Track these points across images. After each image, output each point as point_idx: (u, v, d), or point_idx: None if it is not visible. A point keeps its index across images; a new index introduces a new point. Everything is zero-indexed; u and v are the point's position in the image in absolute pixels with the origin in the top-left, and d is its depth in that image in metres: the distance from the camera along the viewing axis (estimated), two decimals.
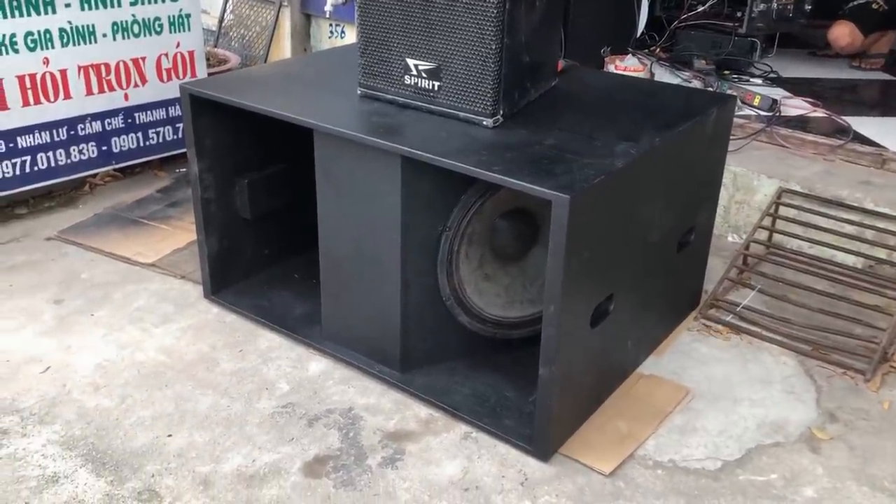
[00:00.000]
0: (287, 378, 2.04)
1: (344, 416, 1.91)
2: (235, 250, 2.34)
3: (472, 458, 1.79)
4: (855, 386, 2.08)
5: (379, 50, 1.94)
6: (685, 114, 1.99)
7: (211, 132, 2.16)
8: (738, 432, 1.90)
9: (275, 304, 2.30)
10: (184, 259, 2.54)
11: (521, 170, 1.63)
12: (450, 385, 1.98)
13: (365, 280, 1.96)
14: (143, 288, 2.41)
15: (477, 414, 1.89)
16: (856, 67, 4.01)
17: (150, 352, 2.12)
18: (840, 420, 1.95)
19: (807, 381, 2.09)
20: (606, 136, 1.82)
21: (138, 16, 2.85)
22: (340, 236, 1.97)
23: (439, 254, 1.91)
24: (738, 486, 1.74)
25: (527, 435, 1.82)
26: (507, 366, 2.05)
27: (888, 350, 2.17)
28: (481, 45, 1.78)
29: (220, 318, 2.28)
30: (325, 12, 3.50)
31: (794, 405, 2.00)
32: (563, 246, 1.55)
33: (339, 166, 1.90)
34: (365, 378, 2.04)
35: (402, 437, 1.86)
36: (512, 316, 2.07)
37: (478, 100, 1.83)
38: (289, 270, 2.46)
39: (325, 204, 1.97)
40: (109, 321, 2.25)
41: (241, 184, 2.26)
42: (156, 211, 2.85)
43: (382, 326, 1.98)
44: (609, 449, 1.82)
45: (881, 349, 2.15)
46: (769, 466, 1.80)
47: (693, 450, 1.84)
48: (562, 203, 1.52)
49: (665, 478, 1.76)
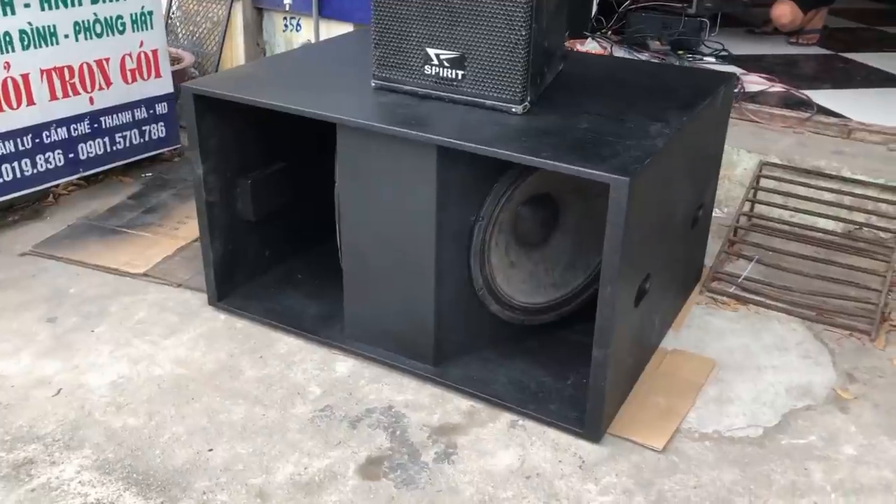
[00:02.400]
0: (317, 381, 1.99)
1: (385, 415, 1.88)
2: (239, 254, 2.26)
3: (526, 446, 1.79)
4: (863, 346, 2.17)
5: (395, 40, 1.90)
6: (698, 92, 2.03)
7: (215, 133, 2.07)
8: (770, 399, 1.96)
9: (286, 306, 2.23)
10: (177, 266, 2.44)
11: (570, 154, 1.63)
12: (486, 375, 1.97)
13: (395, 275, 1.93)
14: (140, 299, 2.30)
15: (520, 401, 1.89)
16: (793, 43, 4.18)
17: (166, 365, 2.03)
18: (858, 380, 2.04)
19: (819, 344, 2.18)
20: (635, 118, 1.84)
21: (100, 14, 2.70)
22: (367, 232, 1.93)
23: (472, 244, 1.89)
24: (783, 451, 1.80)
25: (575, 418, 1.83)
26: (536, 351, 2.06)
27: (885, 310, 2.28)
28: (510, 31, 1.76)
29: (231, 325, 2.19)
30: (283, 5, 3.40)
31: (813, 369, 2.08)
32: (621, 228, 1.56)
33: (367, 161, 1.85)
34: (397, 374, 2.01)
35: (450, 430, 1.84)
36: (538, 301, 2.07)
37: (506, 87, 1.82)
38: (292, 271, 2.39)
39: (349, 200, 1.92)
40: (113, 336, 2.14)
41: (244, 184, 2.18)
42: (133, 219, 2.72)
43: (414, 320, 1.95)
44: (654, 425, 1.85)
45: (879, 310, 2.26)
46: (806, 429, 1.87)
47: (733, 419, 1.89)
48: (621, 185, 1.53)
49: (714, 448, 1.80)
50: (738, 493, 1.68)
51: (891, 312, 2.29)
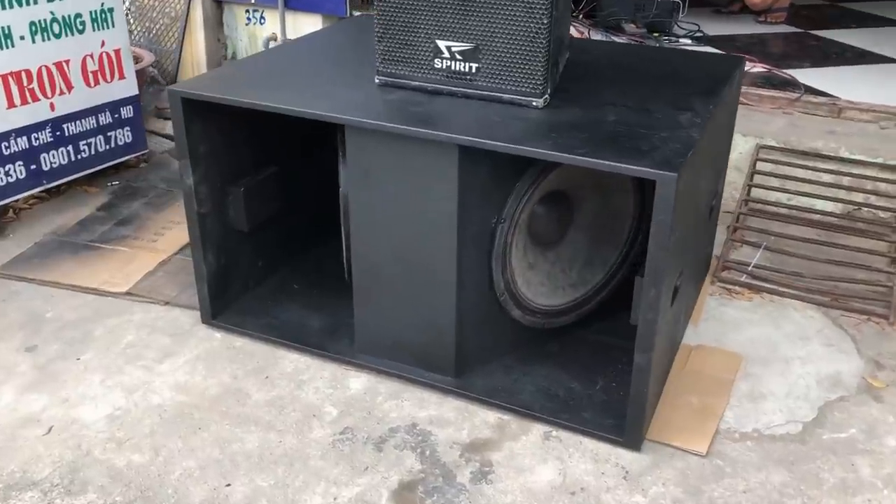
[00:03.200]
0: (331, 401, 1.86)
1: (411, 434, 1.76)
2: (232, 267, 2.11)
3: (564, 459, 1.70)
4: (882, 330, 2.14)
5: (402, 33, 1.77)
6: (714, 78, 1.95)
7: (204, 139, 1.92)
8: (803, 392, 1.90)
9: (285, 320, 2.09)
10: (161, 283, 2.27)
11: (606, 149, 1.53)
12: (511, 384, 1.87)
13: (412, 283, 1.81)
14: (126, 321, 2.13)
15: (551, 410, 1.79)
16: (762, 22, 4.17)
17: (165, 392, 1.87)
18: (885, 366, 2.00)
19: (839, 331, 2.13)
20: (661, 107, 1.75)
21: (57, 13, 2.50)
22: (380, 239, 1.80)
23: (494, 247, 1.79)
24: (826, 446, 1.74)
25: (611, 425, 1.74)
26: (557, 355, 1.96)
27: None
28: (531, 19, 1.65)
29: (229, 344, 2.05)
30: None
31: (839, 357, 2.03)
32: (668, 226, 1.47)
33: (380, 164, 1.72)
34: (416, 388, 1.89)
35: (481, 447, 1.73)
36: (558, 303, 1.98)
37: (526, 79, 1.71)
38: (286, 281, 2.25)
39: (359, 206, 1.79)
40: (102, 364, 1.97)
41: (237, 192, 2.03)
42: (105, 232, 2.53)
43: (433, 330, 1.84)
44: (692, 427, 1.77)
45: (894, 292, 2.22)
46: (845, 422, 1.81)
47: (771, 416, 1.83)
48: (669, 181, 1.44)
49: (757, 449, 1.73)
50: (789, 495, 1.62)
51: None
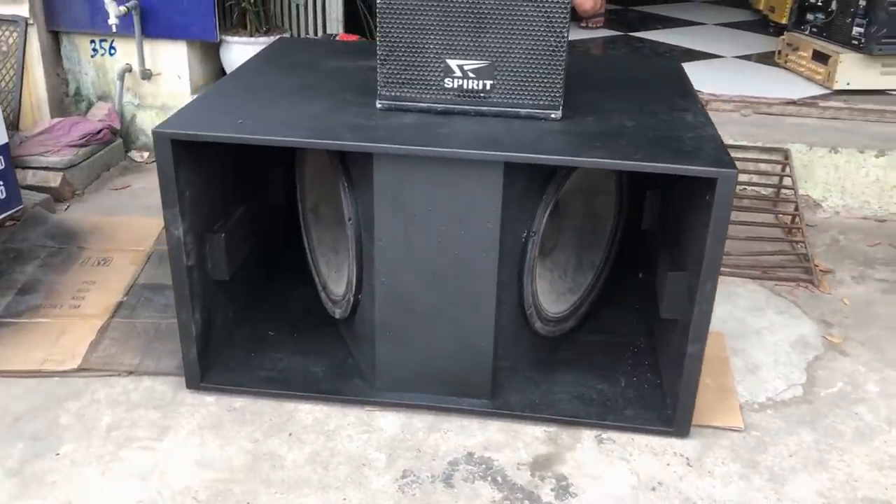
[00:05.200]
0: (372, 446, 1.75)
1: (472, 464, 1.71)
2: (212, 322, 1.91)
3: (628, 459, 1.74)
4: (813, 293, 2.41)
5: (407, 54, 1.71)
6: (675, 78, 2.09)
7: (189, 184, 1.72)
8: (786, 358, 2.10)
9: (282, 370, 1.93)
10: (114, 352, 2.00)
11: (658, 154, 1.59)
12: (544, 396, 1.87)
13: (446, 310, 1.75)
14: (92, 401, 1.85)
15: (596, 414, 1.82)
16: (584, 28, 4.48)
17: (186, 472, 1.66)
18: (833, 323, 2.26)
19: (781, 300, 2.37)
20: (662, 110, 1.84)
21: None
22: (411, 269, 1.72)
23: (527, 261, 1.78)
24: (829, 402, 1.93)
25: (656, 418, 1.81)
26: (572, 361, 1.99)
27: (812, 257, 2.55)
28: (550, 34, 1.67)
29: (228, 407, 1.85)
30: (109, 27, 2.89)
31: (794, 322, 2.26)
32: (726, 221, 1.56)
33: (415, 190, 1.65)
34: (453, 417, 1.84)
35: (546, 462, 1.72)
36: (562, 310, 2.01)
37: (544, 93, 1.72)
38: (261, 328, 2.07)
39: (389, 239, 1.70)
40: (90, 454, 1.70)
41: (217, 240, 1.84)
42: (10, 305, 2.17)
43: (470, 355, 1.79)
44: (719, 406, 1.88)
45: (811, 258, 2.51)
46: (830, 377, 2.03)
47: (773, 384, 1.99)
48: (730, 178, 1.53)
49: (777, 416, 1.88)
50: (825, 450, 1.78)
51: (814, 258, 2.55)
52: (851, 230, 2.81)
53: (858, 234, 2.79)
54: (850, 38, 3.22)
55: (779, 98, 3.18)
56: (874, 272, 2.54)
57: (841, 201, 2.90)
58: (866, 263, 2.59)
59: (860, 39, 3.18)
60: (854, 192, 2.88)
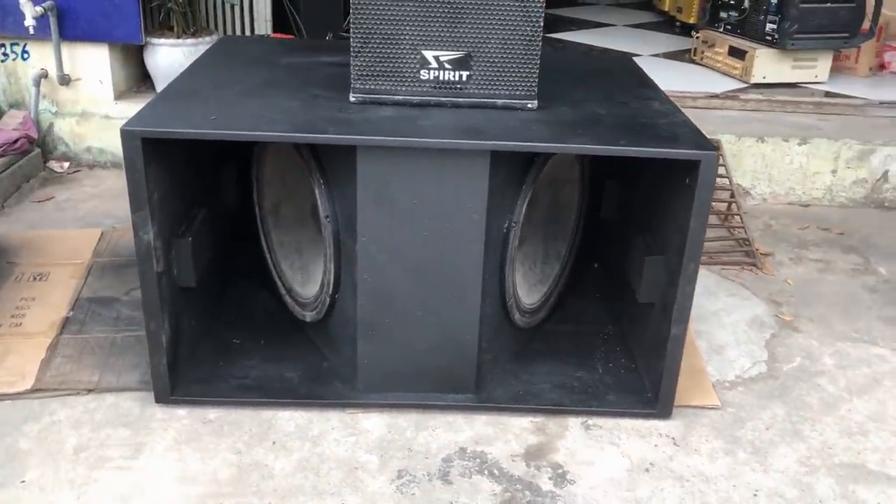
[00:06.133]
0: (361, 448, 1.70)
1: (466, 459, 1.69)
2: (179, 331, 1.82)
3: (616, 443, 1.75)
4: (757, 275, 2.51)
5: (382, 46, 1.68)
6: (632, 71, 2.14)
7: (158, 185, 1.63)
8: (745, 337, 2.17)
9: (256, 378, 1.86)
10: (69, 370, 1.87)
11: (641, 139, 1.62)
12: (528, 387, 1.87)
13: (431, 305, 1.72)
14: (53, 423, 1.73)
15: (580, 401, 1.83)
16: None
17: (170, 490, 1.57)
18: (781, 302, 2.36)
19: (730, 283, 2.45)
20: (630, 100, 1.88)
21: None
22: (395, 264, 1.69)
23: (508, 252, 1.78)
24: (793, 376, 2.01)
25: (637, 401, 1.84)
26: (546, 352, 1.99)
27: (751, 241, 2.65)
28: (527, 23, 1.67)
29: (203, 419, 1.76)
30: (26, 29, 2.71)
31: (746, 303, 2.34)
32: (708, 203, 1.60)
33: (399, 183, 1.62)
34: (437, 414, 1.81)
35: (538, 452, 1.72)
36: (534, 301, 2.02)
37: (521, 83, 1.72)
38: (225, 337, 1.98)
39: (373, 233, 1.66)
40: (60, 478, 1.58)
41: (183, 244, 1.75)
42: None
43: (454, 350, 1.77)
44: (693, 386, 1.93)
45: (751, 242, 2.62)
46: (789, 353, 2.11)
47: (738, 362, 2.06)
48: (710, 160, 1.57)
49: (748, 392, 1.95)
50: (797, 421, 1.85)
51: (754, 241, 2.66)
52: (781, 215, 2.95)
53: (787, 218, 2.93)
54: (765, 34, 3.38)
55: (702, 92, 3.30)
56: (808, 253, 2.67)
57: (768, 188, 3.03)
58: (800, 245, 2.72)
59: (773, 35, 3.34)
60: (780, 180, 3.02)
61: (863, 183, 3.01)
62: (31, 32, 2.74)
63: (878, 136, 3.01)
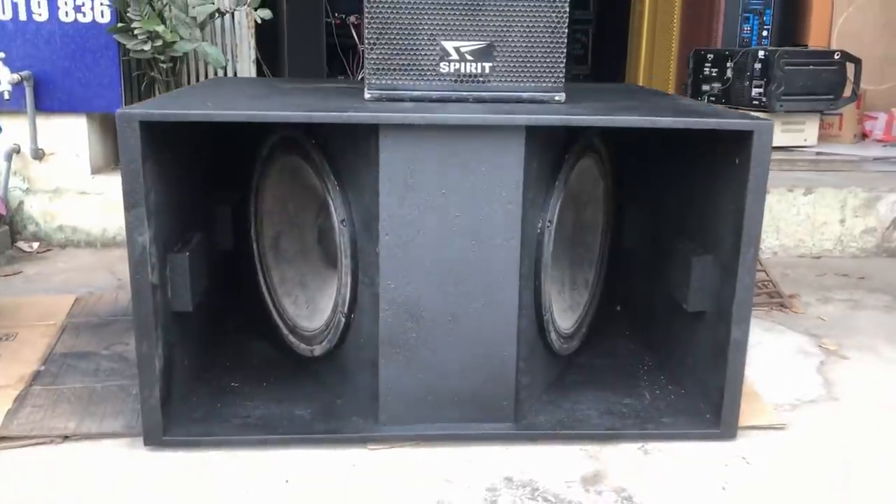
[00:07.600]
0: (390, 482, 1.45)
1: (516, 488, 1.44)
2: (172, 362, 1.59)
3: (683, 465, 1.53)
4: (788, 315, 2.35)
5: (399, 38, 1.57)
6: (639, 88, 2.05)
7: (156, 183, 1.45)
8: (793, 365, 1.99)
9: (261, 416, 1.61)
10: (40, 417, 1.61)
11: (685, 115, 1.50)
12: (570, 414, 1.65)
13: (463, 315, 1.53)
14: (31, 475, 1.45)
15: (635, 426, 1.62)
16: None
17: None
18: (821, 335, 2.19)
19: (762, 321, 2.29)
20: (653, 98, 1.78)
21: None
22: (421, 268, 1.50)
23: (543, 256, 1.60)
24: (852, 400, 1.82)
25: (697, 423, 1.63)
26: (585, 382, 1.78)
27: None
28: (552, 10, 1.58)
29: (205, 461, 1.50)
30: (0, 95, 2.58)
31: (786, 336, 2.17)
32: (765, 177, 1.47)
33: (426, 171, 1.46)
34: (472, 446, 1.57)
35: (595, 478, 1.48)
36: (568, 326, 1.82)
37: (547, 74, 1.61)
38: (221, 380, 1.75)
39: (396, 230, 1.48)
40: None
41: (179, 259, 1.56)
42: None
43: (490, 369, 1.56)
44: (748, 409, 1.71)
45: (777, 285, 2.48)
46: (844, 377, 1.93)
47: (793, 386, 1.87)
48: (766, 129, 1.45)
49: (811, 415, 1.75)
50: (871, 443, 1.65)
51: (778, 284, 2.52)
52: (795, 266, 2.83)
53: (802, 268, 2.81)
54: (751, 99, 3.39)
55: None
56: (834, 295, 2.53)
57: (777, 241, 2.93)
58: (823, 289, 2.58)
59: (761, 100, 3.35)
60: (788, 232, 2.92)
61: (872, 232, 2.92)
62: (6, 98, 2.61)
63: (881, 184, 2.96)
